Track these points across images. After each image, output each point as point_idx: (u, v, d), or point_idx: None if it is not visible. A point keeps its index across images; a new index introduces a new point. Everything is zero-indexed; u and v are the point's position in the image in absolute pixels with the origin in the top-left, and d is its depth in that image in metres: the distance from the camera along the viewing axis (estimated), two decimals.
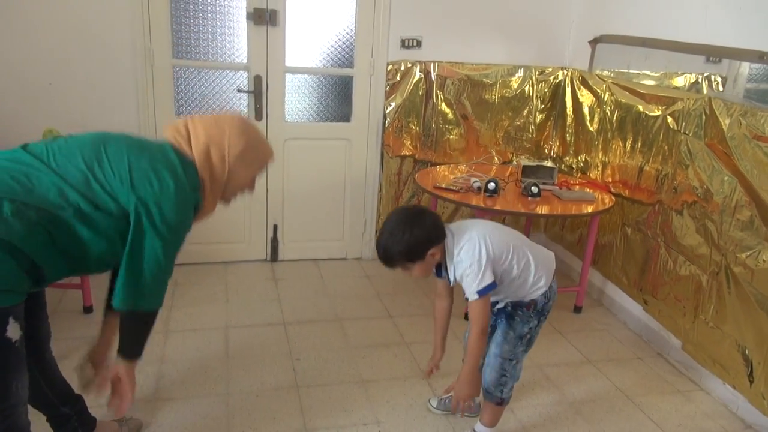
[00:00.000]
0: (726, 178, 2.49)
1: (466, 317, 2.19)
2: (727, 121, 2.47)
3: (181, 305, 3.11)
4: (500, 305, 2.03)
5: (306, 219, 3.72)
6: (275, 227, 3.69)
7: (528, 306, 1.96)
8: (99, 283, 1.74)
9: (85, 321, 2.87)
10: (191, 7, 3.20)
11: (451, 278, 1.90)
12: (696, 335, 2.69)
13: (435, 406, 2.38)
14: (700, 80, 2.73)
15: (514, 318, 1.98)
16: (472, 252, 1.83)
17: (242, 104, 3.43)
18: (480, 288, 1.81)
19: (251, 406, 2.34)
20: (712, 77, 2.66)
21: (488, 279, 1.82)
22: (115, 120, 3.20)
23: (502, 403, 2.08)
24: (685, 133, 2.74)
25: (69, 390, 1.95)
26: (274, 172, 3.56)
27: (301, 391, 2.46)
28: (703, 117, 2.62)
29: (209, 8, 3.23)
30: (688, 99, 2.73)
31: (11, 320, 1.52)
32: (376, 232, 3.83)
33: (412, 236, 1.80)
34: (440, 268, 1.93)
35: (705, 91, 2.68)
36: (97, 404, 2.19)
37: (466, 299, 1.87)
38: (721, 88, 2.61)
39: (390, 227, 1.85)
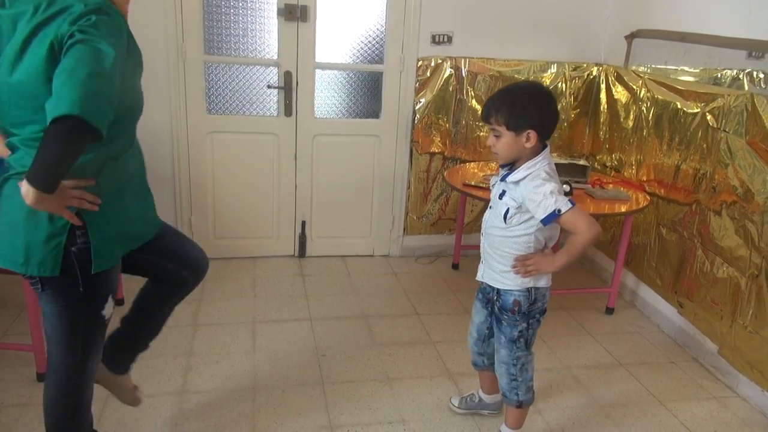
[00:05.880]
0: None
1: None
2: None
3: (209, 299, 3.14)
4: (484, 283, 1.99)
5: (334, 215, 3.72)
6: (303, 223, 3.70)
7: (512, 310, 1.91)
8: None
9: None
10: (223, 3, 3.22)
11: (513, 178, 1.78)
12: (733, 340, 2.60)
13: (456, 405, 2.34)
14: (741, 76, 2.64)
15: (501, 322, 1.96)
16: (554, 178, 1.75)
17: (272, 100, 3.44)
18: (569, 199, 1.72)
19: (277, 400, 2.35)
20: (754, 73, 2.56)
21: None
22: (146, 114, 3.23)
23: (520, 405, 2.04)
24: (725, 130, 2.65)
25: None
26: (303, 168, 3.56)
27: (327, 387, 2.45)
28: (745, 114, 2.53)
29: (240, 4, 3.25)
30: (728, 95, 2.63)
31: (110, 299, 1.61)
32: (404, 229, 3.81)
33: (528, 104, 1.73)
34: (509, 169, 1.82)
35: (746, 87, 2.59)
36: None
37: (556, 212, 1.71)
38: (763, 85, 2.51)
39: (516, 86, 1.81)
